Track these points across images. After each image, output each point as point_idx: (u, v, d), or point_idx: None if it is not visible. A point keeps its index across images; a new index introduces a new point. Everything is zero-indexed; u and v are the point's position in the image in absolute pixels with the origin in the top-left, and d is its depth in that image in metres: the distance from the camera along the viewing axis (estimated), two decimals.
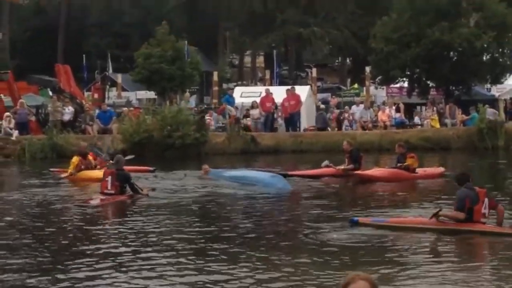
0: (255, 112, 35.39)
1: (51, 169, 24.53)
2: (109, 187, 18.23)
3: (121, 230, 14.42)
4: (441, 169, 23.47)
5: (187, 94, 40.67)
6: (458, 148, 33.38)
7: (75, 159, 22.37)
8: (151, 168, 24.70)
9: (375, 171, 22.52)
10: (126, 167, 21.13)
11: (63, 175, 22.75)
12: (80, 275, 10.66)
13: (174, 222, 15.21)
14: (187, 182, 21.95)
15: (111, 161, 20.26)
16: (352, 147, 23.58)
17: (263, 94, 36.54)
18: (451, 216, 13.50)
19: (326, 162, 23.11)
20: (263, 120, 35.56)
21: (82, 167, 22.21)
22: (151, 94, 45.41)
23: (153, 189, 19.28)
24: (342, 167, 22.92)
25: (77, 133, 33.98)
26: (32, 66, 56.69)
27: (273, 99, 35.83)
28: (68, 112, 35.67)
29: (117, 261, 11.46)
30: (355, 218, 14.52)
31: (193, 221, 15.55)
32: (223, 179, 22.11)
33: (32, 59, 61.28)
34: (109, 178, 18.28)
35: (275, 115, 36.10)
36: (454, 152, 32.98)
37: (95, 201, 17.85)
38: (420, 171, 22.32)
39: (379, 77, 43.84)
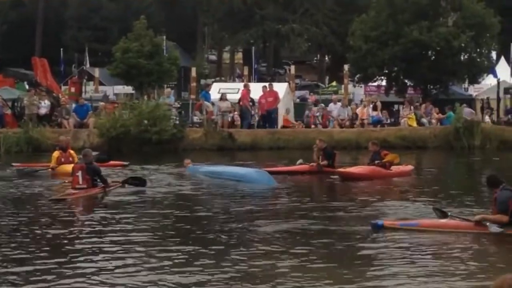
0: (223, 105, 35.22)
1: (14, 164, 24.32)
2: (80, 182, 18.09)
3: (91, 226, 14.30)
4: (410, 166, 23.67)
5: (168, 89, 40.54)
6: (434, 147, 33.51)
7: (56, 153, 22.54)
8: (125, 163, 24.64)
9: (355, 169, 22.57)
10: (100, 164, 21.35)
11: (49, 168, 22.62)
12: (45, 271, 10.54)
13: (143, 218, 15.07)
14: (161, 177, 21.91)
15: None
16: (325, 144, 23.96)
17: (243, 89, 36.46)
18: (494, 220, 12.88)
19: (300, 161, 23.41)
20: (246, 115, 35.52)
21: (62, 160, 22.19)
22: (129, 89, 45.23)
23: (123, 184, 19.22)
24: (315, 163, 23.21)
25: (53, 127, 33.80)
26: (9, 59, 56.34)
27: (245, 93, 35.76)
28: (44, 106, 35.41)
29: (83, 258, 11.36)
30: (380, 222, 13.46)
31: (162, 217, 15.43)
32: (202, 175, 22.10)
33: (9, 52, 60.87)
34: (79, 173, 18.14)
35: (252, 112, 36.05)
36: (431, 151, 33.11)
37: (67, 196, 17.71)
38: (394, 168, 22.49)
39: (358, 75, 43.91)
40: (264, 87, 36.57)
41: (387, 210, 15.84)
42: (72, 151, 22.73)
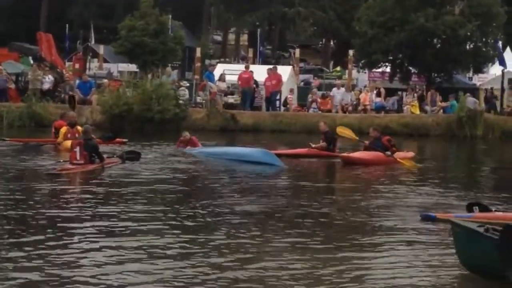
0: (222, 85, 35.20)
1: (5, 138, 24.37)
2: (78, 158, 18.17)
3: (83, 202, 14.38)
4: (412, 153, 23.62)
5: (169, 68, 40.50)
6: (436, 135, 33.51)
7: (64, 129, 22.69)
8: (124, 140, 24.71)
9: (358, 154, 22.54)
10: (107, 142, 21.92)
11: (56, 143, 22.84)
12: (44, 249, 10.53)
13: (134, 196, 15.07)
14: (158, 156, 22.03)
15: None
16: (327, 128, 24.07)
17: (244, 70, 36.43)
18: None
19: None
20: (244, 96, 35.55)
21: (69, 135, 22.23)
22: (133, 67, 45.15)
23: (123, 161, 19.37)
24: (314, 145, 23.48)
25: (56, 103, 33.83)
26: (14, 34, 56.21)
27: (251, 76, 35.64)
28: (47, 81, 35.44)
29: (73, 234, 11.34)
30: (432, 215, 12.82)
31: (154, 196, 15.43)
32: (204, 156, 22.16)
33: (15, 27, 60.72)
34: (77, 149, 18.23)
35: (256, 94, 36.02)
36: (433, 139, 33.11)
37: (63, 170, 17.77)
38: (394, 155, 22.46)
39: (362, 61, 43.77)
40: (270, 69, 36.60)
41: (393, 196, 15.85)
42: (80, 127, 22.72)
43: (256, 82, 35.87)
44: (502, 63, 38.77)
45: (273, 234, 11.77)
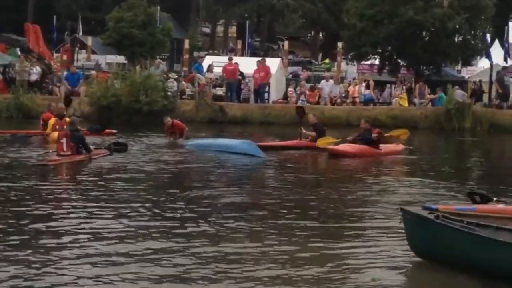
0: (210, 76, 35.15)
1: None
2: (64, 149, 18.23)
3: (69, 193, 14.39)
4: (401, 146, 23.69)
5: (158, 60, 40.40)
6: (425, 128, 33.55)
7: (52, 120, 22.68)
8: (114, 131, 24.70)
9: (344, 146, 22.56)
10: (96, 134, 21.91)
11: (45, 134, 22.78)
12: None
13: (118, 187, 15.09)
14: (145, 148, 22.03)
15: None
16: (316, 120, 24.39)
17: (227, 62, 36.29)
18: None
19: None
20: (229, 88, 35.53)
21: (57, 127, 22.17)
22: (121, 59, 45.05)
23: (111, 152, 19.35)
24: (304, 130, 23.85)
25: (43, 94, 33.72)
26: (1, 25, 55.92)
27: (237, 67, 35.55)
28: (35, 72, 35.25)
29: (67, 226, 11.32)
30: (434, 206, 12.16)
31: (140, 187, 15.39)
32: (194, 147, 22.19)
33: (2, 18, 60.43)
34: (64, 140, 18.27)
35: (242, 86, 35.95)
36: (421, 131, 33.13)
37: (50, 161, 17.72)
38: (383, 147, 22.51)
39: (351, 53, 43.73)
40: (258, 61, 36.53)
41: (379, 188, 15.87)
42: (68, 119, 22.66)
43: (242, 73, 35.77)
44: (488, 56, 38.90)
45: (254, 223, 11.87)
